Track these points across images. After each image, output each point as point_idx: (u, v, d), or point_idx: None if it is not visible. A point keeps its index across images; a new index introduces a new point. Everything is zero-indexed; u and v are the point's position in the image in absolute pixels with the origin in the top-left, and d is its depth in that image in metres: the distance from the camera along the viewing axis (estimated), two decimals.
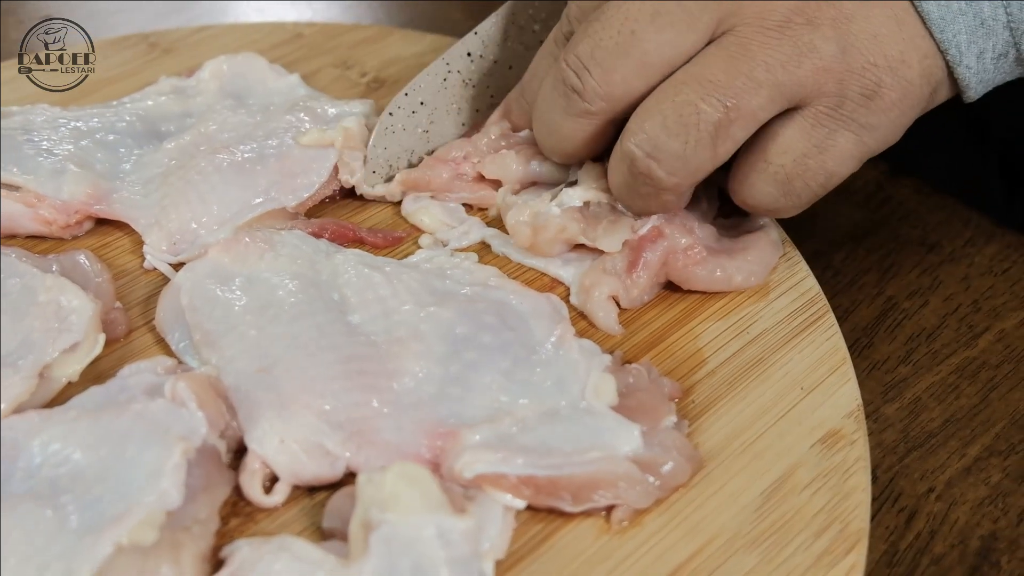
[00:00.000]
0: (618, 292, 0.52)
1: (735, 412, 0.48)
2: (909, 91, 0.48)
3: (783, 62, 0.46)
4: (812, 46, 0.47)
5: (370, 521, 0.40)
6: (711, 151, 0.48)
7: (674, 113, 0.47)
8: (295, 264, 0.52)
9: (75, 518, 0.41)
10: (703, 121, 0.47)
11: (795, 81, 0.47)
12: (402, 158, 0.58)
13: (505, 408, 0.46)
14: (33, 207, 0.55)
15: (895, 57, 0.47)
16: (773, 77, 0.46)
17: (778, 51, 0.47)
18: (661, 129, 0.47)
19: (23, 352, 0.47)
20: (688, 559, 0.43)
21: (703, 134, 0.47)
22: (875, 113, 0.48)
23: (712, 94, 0.46)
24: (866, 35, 0.47)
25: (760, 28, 0.47)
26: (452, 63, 0.58)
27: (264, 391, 0.46)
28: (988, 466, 0.49)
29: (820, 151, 0.48)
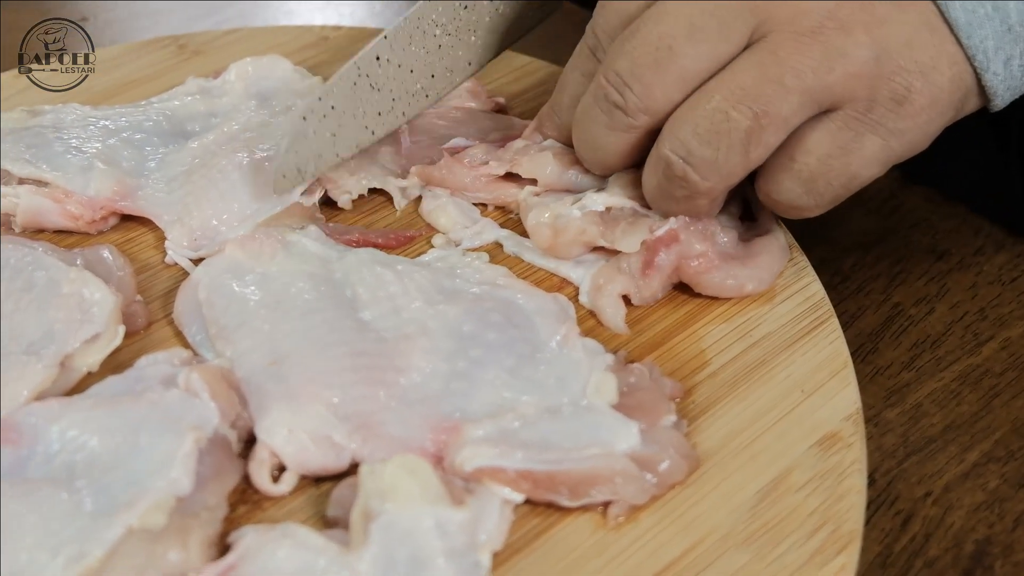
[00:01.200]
0: (630, 290, 0.53)
1: (735, 413, 0.49)
2: (939, 97, 0.48)
3: (813, 68, 0.47)
4: (843, 51, 0.47)
5: (370, 511, 0.42)
6: (743, 157, 0.49)
7: (705, 121, 0.48)
8: (308, 262, 0.53)
9: (89, 502, 0.42)
10: (734, 128, 0.48)
11: (825, 87, 0.47)
12: (311, 162, 0.57)
13: (508, 404, 0.48)
14: (61, 203, 0.57)
15: (926, 63, 0.48)
16: (803, 83, 0.47)
17: (809, 57, 0.47)
18: (693, 136, 0.48)
19: (46, 342, 0.49)
20: (681, 555, 0.44)
21: (735, 141, 0.48)
22: (904, 118, 0.48)
23: (742, 101, 0.47)
24: (898, 40, 0.48)
25: (792, 34, 0.47)
26: (362, 67, 0.58)
27: (274, 383, 0.48)
28: (986, 472, 0.50)
29: (845, 153, 0.49)
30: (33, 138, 0.60)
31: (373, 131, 0.59)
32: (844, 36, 0.47)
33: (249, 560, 0.41)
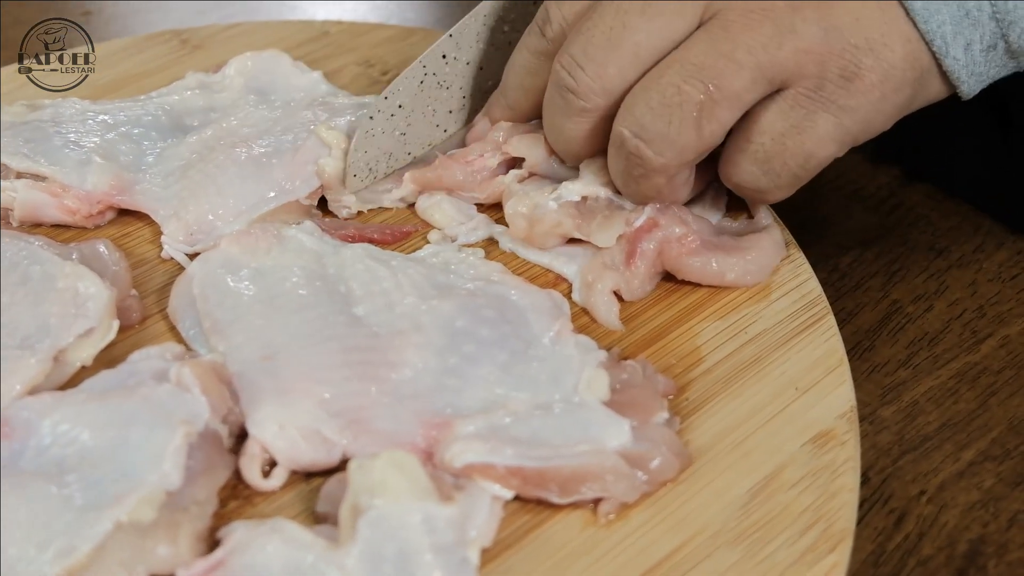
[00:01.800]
0: (619, 286, 0.53)
1: (728, 410, 0.49)
2: (890, 74, 0.49)
3: (764, 44, 0.47)
4: (793, 28, 0.48)
5: (359, 506, 0.42)
6: (695, 131, 0.49)
7: (658, 95, 0.48)
8: (303, 257, 0.53)
9: (79, 496, 0.42)
10: (686, 102, 0.48)
11: (776, 63, 0.48)
12: (381, 161, 0.58)
13: (500, 400, 0.47)
14: (58, 197, 0.57)
15: (876, 39, 0.48)
16: (754, 59, 0.47)
17: (760, 33, 0.48)
18: (646, 110, 0.49)
19: (40, 336, 0.49)
20: (671, 553, 0.43)
21: (686, 114, 0.48)
22: (854, 95, 0.49)
23: (694, 75, 0.48)
24: (848, 17, 0.48)
25: (744, 11, 0.48)
26: (428, 65, 0.58)
27: (267, 378, 0.48)
28: (982, 471, 0.50)
29: (799, 131, 0.49)
30: (32, 132, 0.60)
31: (445, 128, 0.60)
32: (793, 13, 0.48)
33: (238, 555, 0.41)
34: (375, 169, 0.58)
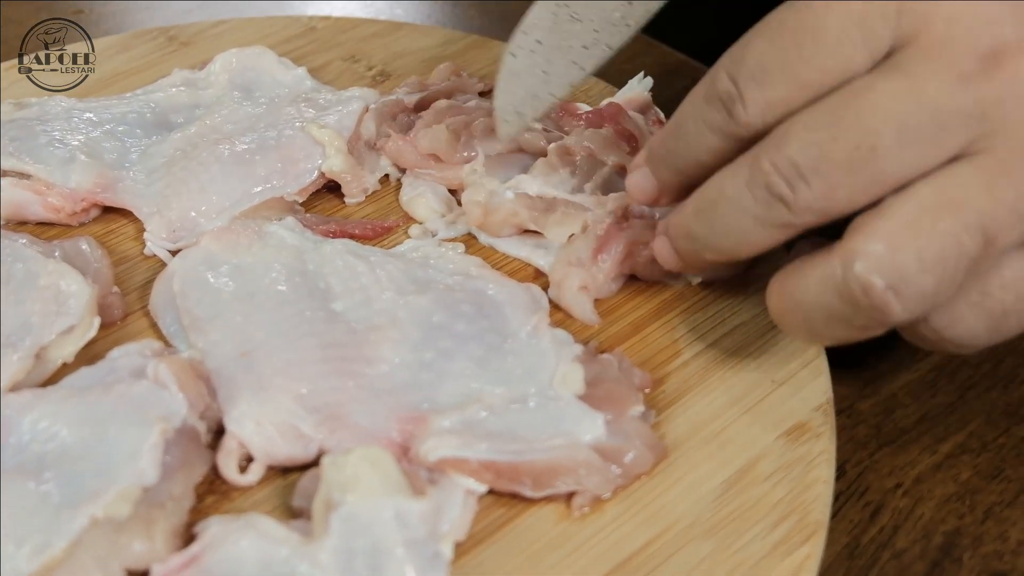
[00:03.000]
0: (587, 282, 0.53)
1: (705, 403, 0.49)
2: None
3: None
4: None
5: (331, 501, 0.42)
6: (954, 291, 0.41)
7: (934, 246, 0.40)
8: (283, 253, 0.53)
9: (57, 493, 0.43)
10: (963, 256, 0.40)
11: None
12: (527, 103, 0.53)
13: (475, 395, 0.48)
14: (42, 195, 0.58)
15: None
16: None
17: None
18: (915, 263, 0.40)
19: (22, 334, 0.49)
20: (644, 545, 0.44)
21: (958, 271, 0.40)
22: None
23: (974, 224, 0.40)
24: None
25: (1021, 149, 0.41)
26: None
27: (244, 374, 0.48)
28: (959, 463, 0.50)
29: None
30: (18, 131, 0.61)
31: (582, 67, 0.54)
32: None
33: (212, 550, 0.42)
34: (523, 113, 0.54)
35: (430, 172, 0.59)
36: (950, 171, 0.41)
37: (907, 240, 0.40)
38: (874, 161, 0.41)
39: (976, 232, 0.40)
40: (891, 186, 0.41)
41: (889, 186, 0.41)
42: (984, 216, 0.40)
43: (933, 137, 0.40)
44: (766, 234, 0.44)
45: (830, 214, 0.42)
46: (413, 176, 0.60)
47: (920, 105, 0.40)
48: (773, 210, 0.43)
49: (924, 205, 0.40)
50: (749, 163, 0.43)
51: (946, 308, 0.43)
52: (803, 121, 0.42)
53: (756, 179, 0.43)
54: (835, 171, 0.41)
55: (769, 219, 0.43)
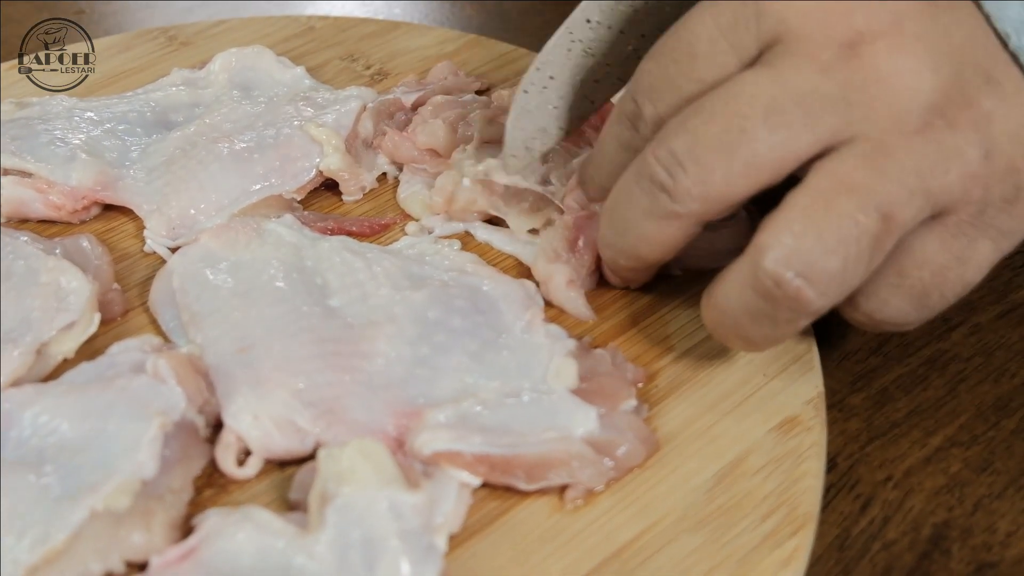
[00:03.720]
0: (572, 276, 0.53)
1: (697, 397, 0.50)
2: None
3: (931, 168, 0.42)
4: (958, 150, 0.43)
5: (327, 494, 0.42)
6: (867, 267, 0.43)
7: (834, 230, 0.41)
8: (281, 250, 0.54)
9: (57, 485, 0.43)
10: (863, 235, 0.42)
11: (944, 189, 0.43)
12: (537, 138, 0.54)
13: (470, 389, 0.48)
14: (43, 193, 0.58)
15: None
16: (924, 184, 0.42)
17: (924, 157, 0.42)
18: (818, 247, 0.41)
19: (23, 330, 0.50)
20: (636, 537, 0.44)
21: (863, 248, 0.42)
22: (1015, 218, 0.44)
23: (868, 203, 0.42)
24: (1005, 135, 0.43)
25: (900, 132, 0.42)
26: (574, 32, 0.53)
27: (242, 369, 0.49)
28: (949, 456, 0.50)
29: (960, 262, 0.45)
30: (19, 129, 0.61)
31: (593, 101, 0.55)
32: (954, 134, 0.43)
33: (210, 542, 0.42)
34: (532, 148, 0.54)
35: (427, 167, 0.60)
36: (835, 159, 0.42)
37: (807, 227, 0.41)
38: (745, 143, 0.43)
39: (871, 210, 0.41)
40: (767, 172, 0.43)
41: (766, 172, 0.43)
42: (876, 194, 0.42)
43: (802, 121, 0.42)
44: (656, 227, 0.46)
45: (710, 199, 0.44)
46: (410, 172, 0.61)
47: (785, 91, 0.43)
48: (658, 200, 0.45)
49: (818, 192, 0.42)
50: (637, 161, 0.46)
51: (870, 293, 0.45)
52: (681, 116, 0.45)
53: (642, 172, 0.45)
54: (708, 154, 0.43)
55: (655, 210, 0.45)
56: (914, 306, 0.46)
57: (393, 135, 0.60)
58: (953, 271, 0.45)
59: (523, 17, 0.84)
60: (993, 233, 0.45)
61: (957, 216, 0.44)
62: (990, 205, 0.44)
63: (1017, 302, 0.57)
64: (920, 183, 0.42)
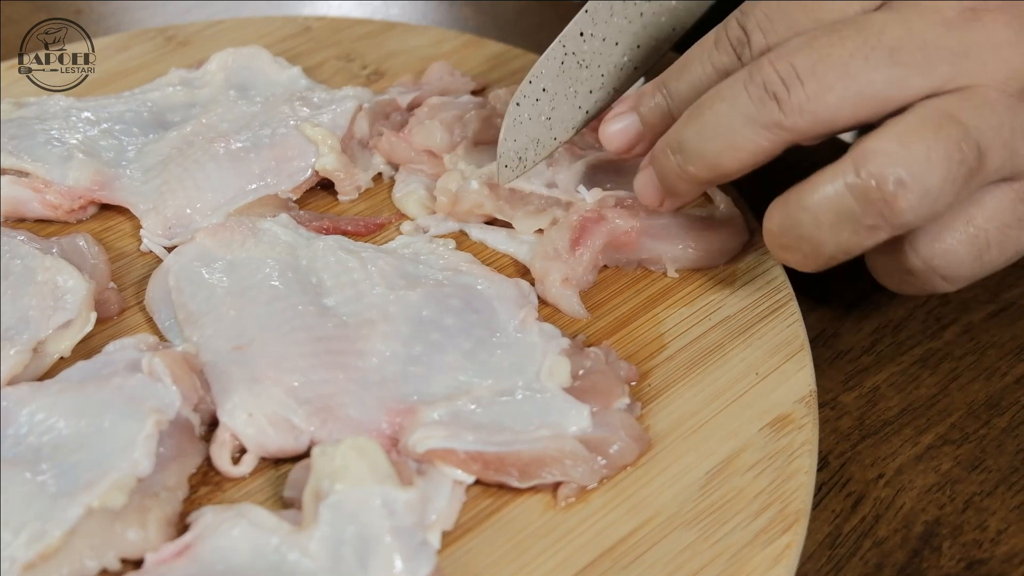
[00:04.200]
0: (567, 274, 0.53)
1: (690, 395, 0.50)
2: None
3: (1020, 131, 0.45)
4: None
5: (320, 491, 0.43)
6: (956, 196, 0.44)
7: (940, 146, 0.43)
8: (276, 249, 0.54)
9: (53, 483, 0.44)
10: (964, 162, 0.44)
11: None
12: (530, 149, 0.55)
13: (464, 387, 0.49)
14: (40, 192, 0.59)
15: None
16: (1014, 142, 0.45)
17: (1019, 119, 0.45)
18: (925, 160, 0.43)
19: (20, 328, 0.51)
20: (629, 534, 0.45)
21: (958, 176, 0.44)
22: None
23: (971, 139, 0.44)
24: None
25: (1002, 91, 0.45)
26: (568, 44, 0.54)
27: (238, 367, 0.49)
28: (940, 454, 0.50)
29: (1022, 226, 0.47)
30: (17, 129, 0.62)
31: (587, 111, 0.56)
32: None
33: (205, 539, 0.43)
34: (524, 158, 0.55)
35: (424, 168, 0.60)
36: (941, 98, 0.45)
37: (916, 140, 0.43)
38: (867, 71, 0.45)
39: (972, 144, 0.44)
40: (875, 106, 0.45)
41: (874, 105, 0.45)
42: (977, 132, 0.44)
43: (921, 64, 0.45)
44: (753, 135, 0.46)
45: (818, 119, 0.45)
46: (406, 172, 0.61)
47: (910, 34, 0.45)
48: (765, 107, 0.46)
49: (925, 117, 0.44)
50: (750, 67, 0.47)
51: (937, 236, 0.47)
52: (808, 36, 0.46)
53: (754, 78, 0.46)
54: (831, 72, 0.45)
55: (760, 118, 0.46)
56: (973, 256, 0.47)
57: (389, 136, 0.61)
58: (1013, 231, 0.47)
59: (519, 18, 0.85)
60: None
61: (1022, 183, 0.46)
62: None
63: (1009, 301, 0.58)
64: (1012, 139, 0.45)
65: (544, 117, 0.55)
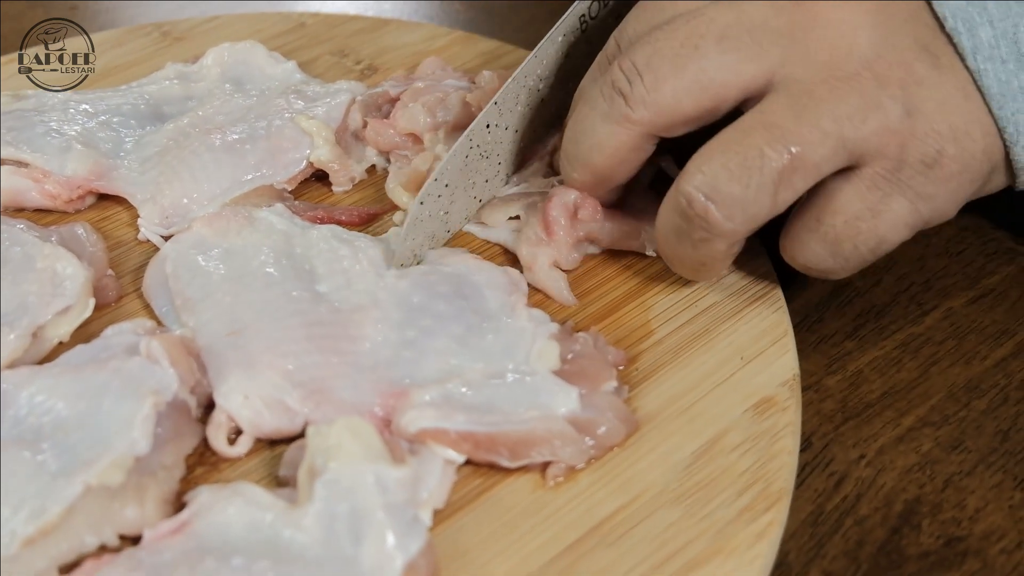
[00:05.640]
0: (555, 258, 0.55)
1: (676, 379, 0.51)
2: (970, 165, 0.48)
3: (850, 115, 0.46)
4: (879, 104, 0.46)
5: (315, 468, 0.44)
6: (771, 198, 0.47)
7: (738, 156, 0.46)
8: (271, 237, 0.55)
9: (53, 462, 0.44)
10: (767, 167, 0.46)
11: (860, 137, 0.46)
12: (425, 245, 0.57)
13: (455, 370, 0.50)
14: (39, 182, 0.60)
15: (960, 128, 0.47)
16: (839, 130, 0.46)
17: (846, 104, 0.46)
18: (722, 171, 0.46)
19: (20, 314, 0.51)
20: (615, 511, 0.46)
21: (766, 179, 0.46)
22: (933, 182, 0.48)
23: (778, 140, 0.46)
24: (933, 101, 0.47)
25: (829, 79, 0.46)
26: (474, 139, 0.56)
27: (233, 351, 0.50)
28: (920, 436, 0.52)
29: (873, 215, 0.48)
30: (16, 121, 0.63)
31: (480, 199, 0.59)
32: (880, 89, 0.46)
33: (202, 516, 0.44)
34: (419, 254, 0.57)
35: (408, 153, 0.61)
36: (765, 100, 0.48)
37: (716, 154, 0.47)
38: (696, 59, 0.48)
39: (780, 146, 0.46)
40: (712, 92, 0.48)
41: (710, 91, 0.48)
42: (789, 133, 0.46)
43: (749, 48, 0.48)
44: (609, 131, 0.50)
45: (662, 111, 0.49)
46: (396, 160, 0.62)
47: (739, 20, 0.48)
48: (615, 104, 0.49)
49: (740, 128, 0.47)
50: (603, 71, 0.51)
51: (792, 235, 0.50)
52: (649, 35, 0.50)
53: (605, 79, 0.50)
54: (663, 64, 0.48)
55: (612, 114, 0.50)
56: (829, 252, 0.50)
57: (374, 123, 0.62)
58: (866, 222, 0.48)
59: (509, 14, 0.86)
60: (910, 194, 0.48)
61: (872, 168, 0.47)
62: (907, 164, 0.47)
63: (989, 287, 0.59)
64: (836, 128, 0.46)
65: (443, 212, 0.57)
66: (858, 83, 0.47)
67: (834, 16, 0.48)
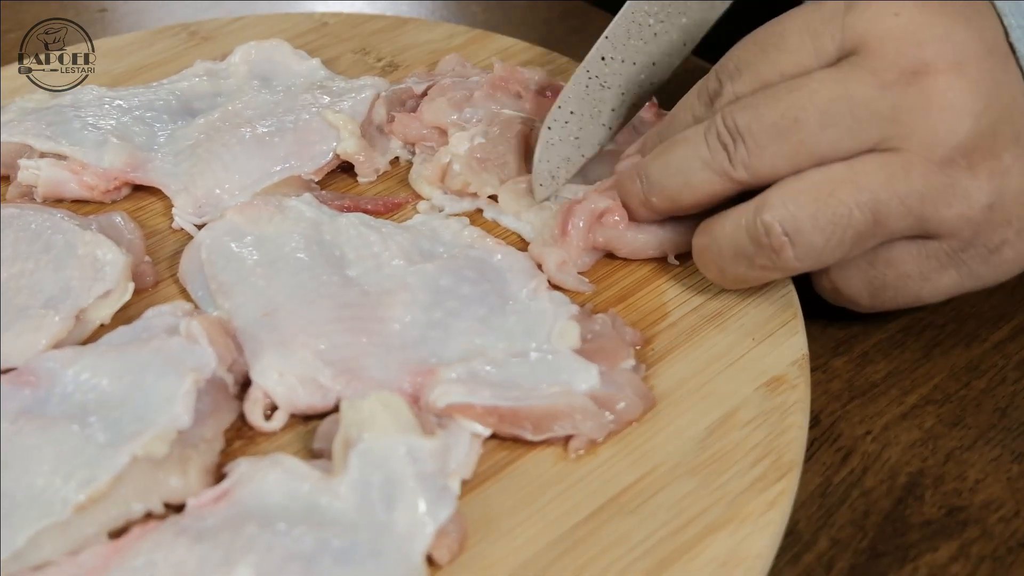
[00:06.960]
0: (564, 257, 0.57)
1: (690, 359, 0.53)
2: (1023, 255, 0.50)
3: (935, 199, 0.48)
4: (966, 193, 0.48)
5: (349, 440, 0.46)
6: (843, 253, 0.49)
7: (829, 211, 0.48)
8: (301, 225, 0.58)
9: (100, 434, 0.47)
10: (851, 226, 0.48)
11: (939, 221, 0.48)
12: (561, 167, 0.60)
13: (479, 350, 0.52)
14: (78, 174, 0.62)
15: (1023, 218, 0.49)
16: (922, 209, 0.48)
17: (934, 187, 0.47)
18: (810, 220, 0.48)
19: (63, 297, 0.54)
20: (634, 482, 0.48)
21: (845, 237, 0.48)
22: (987, 265, 0.50)
23: (867, 205, 0.47)
24: (1012, 192, 0.48)
25: (925, 156, 0.47)
26: (591, 69, 0.60)
27: (267, 332, 0.52)
28: (923, 413, 0.54)
29: (923, 279, 0.51)
30: (54, 116, 0.65)
31: (610, 127, 0.61)
32: (970, 177, 0.48)
33: (242, 485, 0.46)
34: (556, 176, 0.60)
35: (434, 145, 0.64)
36: (862, 158, 0.48)
37: (808, 201, 0.48)
38: (796, 131, 0.48)
39: (867, 210, 0.48)
40: (809, 161, 0.49)
41: (808, 160, 0.49)
42: (877, 200, 0.48)
43: (849, 127, 0.48)
44: (705, 177, 0.51)
45: (759, 175, 0.50)
46: (421, 154, 0.64)
47: (843, 97, 0.48)
48: (717, 157, 0.50)
49: (831, 178, 0.48)
50: (712, 119, 0.51)
51: (843, 266, 0.52)
52: (754, 96, 0.50)
53: (711, 130, 0.51)
54: (763, 133, 0.49)
55: (713, 163, 0.51)
56: (869, 293, 0.53)
57: (401, 116, 0.64)
58: (914, 283, 0.51)
59: (526, 13, 0.88)
60: (964, 271, 0.51)
61: (939, 244, 0.50)
62: (973, 247, 0.50)
63: None
64: (920, 207, 0.48)
65: (573, 137, 0.60)
66: (951, 169, 0.48)
67: (946, 101, 0.48)
